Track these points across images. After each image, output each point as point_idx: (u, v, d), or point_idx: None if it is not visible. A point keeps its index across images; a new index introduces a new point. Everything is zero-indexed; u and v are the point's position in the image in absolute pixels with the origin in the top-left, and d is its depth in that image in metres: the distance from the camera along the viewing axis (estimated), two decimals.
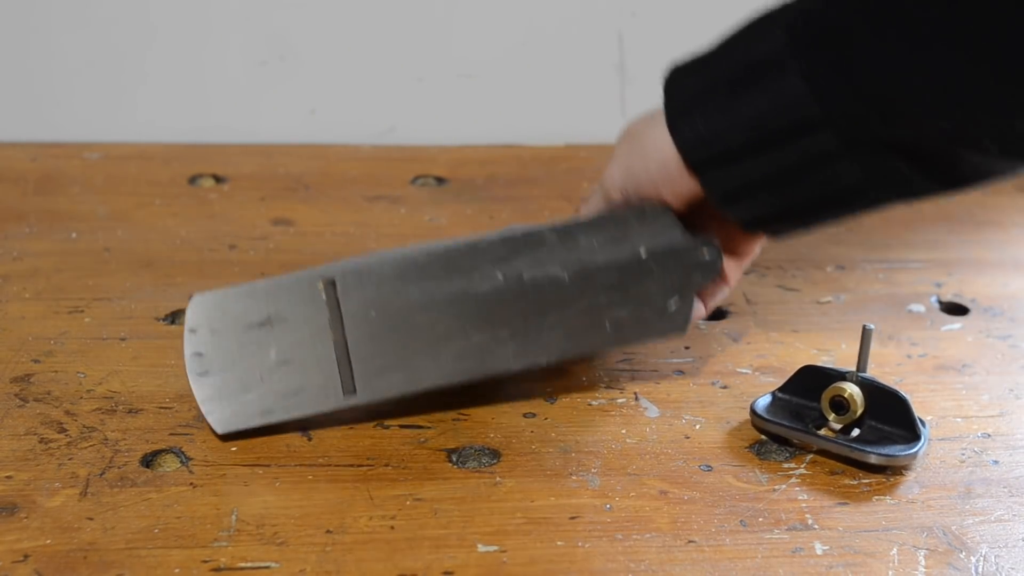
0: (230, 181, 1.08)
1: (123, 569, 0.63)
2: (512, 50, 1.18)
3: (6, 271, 0.91)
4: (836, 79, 0.64)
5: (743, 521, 0.69)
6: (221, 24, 1.14)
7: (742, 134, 0.68)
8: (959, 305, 0.93)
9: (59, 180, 1.06)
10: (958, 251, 1.02)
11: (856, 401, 0.75)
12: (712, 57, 0.71)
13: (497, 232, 0.76)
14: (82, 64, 1.14)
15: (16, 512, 0.67)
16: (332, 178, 1.10)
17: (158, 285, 0.91)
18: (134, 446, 0.73)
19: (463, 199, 1.06)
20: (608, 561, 0.66)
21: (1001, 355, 0.87)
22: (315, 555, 0.65)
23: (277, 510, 0.68)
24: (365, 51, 1.16)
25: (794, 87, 0.65)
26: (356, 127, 1.18)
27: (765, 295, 0.94)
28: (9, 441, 0.72)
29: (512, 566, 0.65)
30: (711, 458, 0.75)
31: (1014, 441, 0.78)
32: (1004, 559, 0.67)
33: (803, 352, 0.86)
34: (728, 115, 0.69)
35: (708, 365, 0.84)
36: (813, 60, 0.65)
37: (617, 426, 0.77)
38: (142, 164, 1.10)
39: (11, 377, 0.79)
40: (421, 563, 0.65)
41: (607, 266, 0.75)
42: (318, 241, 0.99)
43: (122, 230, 0.98)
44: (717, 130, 0.69)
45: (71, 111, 1.15)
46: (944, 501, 0.72)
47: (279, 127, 1.17)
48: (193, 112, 1.16)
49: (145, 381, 0.79)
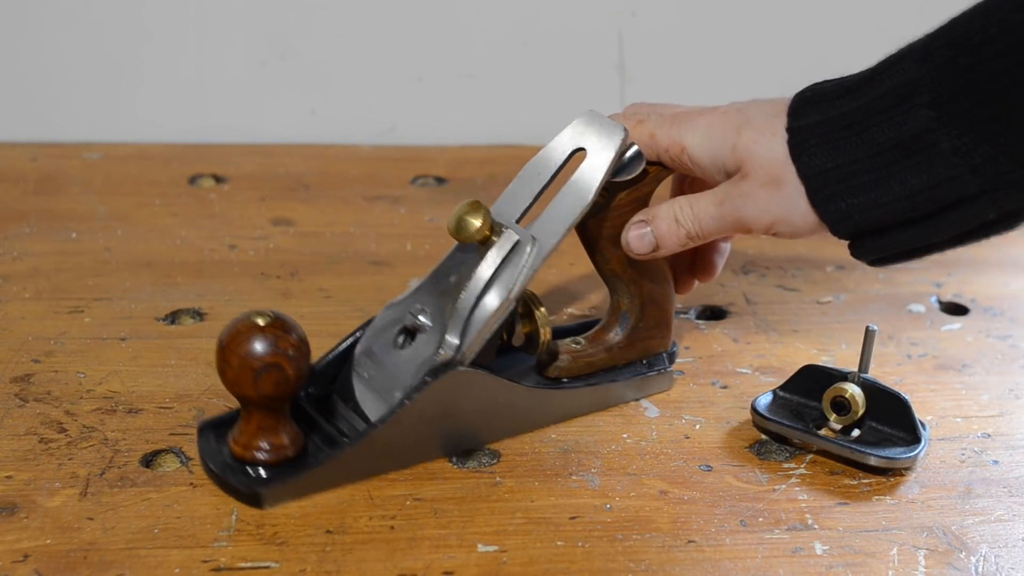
0: (230, 181, 1.08)
1: (123, 569, 0.63)
2: (512, 50, 1.17)
3: (6, 271, 0.91)
4: (993, 153, 0.64)
5: (743, 521, 0.69)
6: (221, 24, 1.14)
7: (895, 212, 0.68)
8: (959, 305, 0.93)
9: (59, 180, 1.06)
10: (958, 251, 1.01)
11: (857, 402, 0.75)
12: (855, 119, 0.68)
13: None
14: (82, 64, 1.14)
15: (16, 512, 0.67)
16: (332, 178, 1.10)
17: (158, 285, 0.91)
18: (134, 446, 0.73)
19: (463, 199, 1.05)
20: (608, 561, 0.66)
21: (1001, 355, 0.87)
22: (315, 555, 0.65)
23: (277, 510, 0.68)
24: (365, 51, 1.16)
25: (951, 167, 0.65)
26: (356, 127, 1.18)
27: (765, 295, 0.94)
28: (9, 441, 0.72)
29: (512, 566, 0.65)
30: (711, 458, 0.75)
31: (1014, 441, 0.78)
32: (1004, 559, 0.67)
33: (803, 352, 0.86)
34: (880, 192, 0.67)
35: (708, 365, 0.84)
36: (965, 132, 0.64)
37: (617, 426, 0.77)
38: (142, 164, 1.10)
39: (11, 377, 0.79)
40: (421, 563, 0.65)
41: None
42: (318, 241, 0.99)
43: (122, 230, 0.98)
44: (868, 206, 0.68)
45: (71, 111, 1.15)
46: (944, 501, 0.72)
47: (279, 127, 1.17)
48: (193, 112, 1.16)
49: (145, 381, 0.79)
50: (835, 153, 0.68)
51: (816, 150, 0.69)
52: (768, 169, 0.70)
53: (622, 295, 0.79)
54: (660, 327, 0.80)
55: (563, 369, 0.78)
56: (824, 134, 0.68)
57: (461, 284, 0.72)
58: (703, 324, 0.89)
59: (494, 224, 0.73)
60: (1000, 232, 0.69)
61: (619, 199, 0.75)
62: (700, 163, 0.73)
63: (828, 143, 0.68)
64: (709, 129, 0.73)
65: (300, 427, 0.71)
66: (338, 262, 0.96)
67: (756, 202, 0.71)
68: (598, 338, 0.80)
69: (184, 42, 1.14)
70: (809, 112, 0.69)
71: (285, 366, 0.66)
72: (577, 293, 0.92)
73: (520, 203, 0.75)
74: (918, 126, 0.65)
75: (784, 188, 0.70)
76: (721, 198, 0.73)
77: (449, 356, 0.71)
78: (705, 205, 0.73)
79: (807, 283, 0.96)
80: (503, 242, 0.72)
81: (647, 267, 0.78)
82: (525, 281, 0.73)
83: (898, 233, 0.69)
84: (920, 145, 0.65)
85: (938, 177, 0.65)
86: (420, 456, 0.72)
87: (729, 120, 0.72)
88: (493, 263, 0.72)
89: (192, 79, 1.15)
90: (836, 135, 0.68)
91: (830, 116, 0.69)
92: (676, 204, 0.74)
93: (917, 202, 0.67)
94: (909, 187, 0.66)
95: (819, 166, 0.69)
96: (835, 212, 0.69)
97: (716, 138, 0.72)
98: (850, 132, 0.68)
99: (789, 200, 0.70)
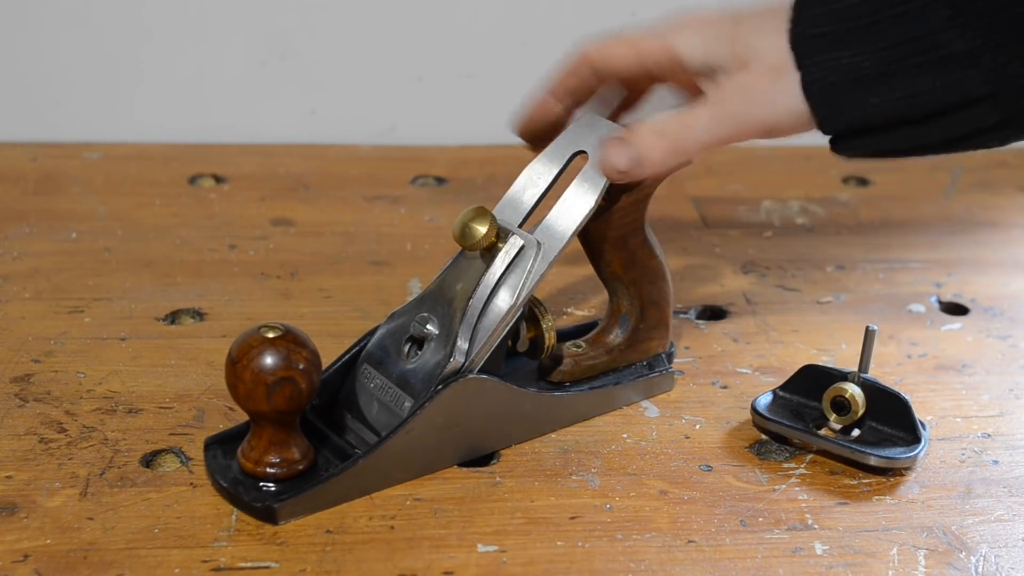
0: (230, 181, 1.08)
1: (123, 569, 0.63)
2: (512, 50, 1.17)
3: (6, 271, 0.91)
4: (1006, 59, 0.62)
5: (743, 521, 0.69)
6: (221, 24, 1.14)
7: (896, 110, 0.65)
8: (959, 305, 0.93)
9: (59, 180, 1.06)
10: (958, 251, 1.02)
11: (857, 402, 0.75)
12: (864, 11, 0.65)
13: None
14: (82, 64, 1.13)
15: (16, 512, 0.66)
16: (332, 178, 1.10)
17: (158, 285, 0.91)
18: (134, 446, 0.72)
19: (463, 199, 1.06)
20: (608, 561, 0.66)
21: (1001, 355, 0.87)
22: (315, 555, 0.65)
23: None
24: (365, 51, 1.16)
25: (962, 67, 0.63)
26: (356, 127, 1.18)
27: (765, 295, 0.94)
28: (9, 441, 0.72)
29: (512, 566, 0.65)
30: (711, 458, 0.75)
31: (1014, 441, 0.78)
32: (1004, 559, 0.67)
33: (803, 352, 0.86)
34: (884, 88, 0.65)
35: (708, 365, 0.84)
36: (979, 34, 0.62)
37: (617, 426, 0.77)
38: (142, 164, 1.10)
39: (11, 377, 0.79)
40: (421, 563, 0.65)
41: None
42: (318, 241, 0.99)
43: (122, 230, 0.98)
44: (867, 103, 0.65)
45: (71, 111, 1.15)
46: (944, 501, 0.72)
47: (279, 127, 1.17)
48: (193, 112, 1.16)
49: (145, 381, 0.79)
50: (838, 45, 0.65)
51: (818, 40, 0.66)
52: (769, 58, 0.67)
53: (622, 297, 0.79)
54: (659, 328, 0.80)
55: (566, 373, 0.78)
56: (828, 24, 0.66)
57: (468, 291, 0.72)
58: (703, 324, 0.89)
59: (500, 230, 0.73)
60: (992, 142, 0.66)
61: (620, 201, 0.75)
62: (692, 65, 0.69)
63: (832, 34, 0.65)
64: (702, 28, 0.70)
65: (309, 440, 0.70)
66: (338, 262, 0.96)
67: (757, 95, 0.67)
68: (599, 340, 0.80)
69: (184, 42, 1.14)
70: (813, 3, 0.67)
71: (298, 379, 0.66)
72: (576, 294, 0.92)
73: (522, 207, 0.75)
74: (932, 24, 0.63)
75: (782, 79, 0.67)
76: (716, 98, 0.69)
77: (459, 364, 0.71)
78: (699, 112, 0.69)
79: (807, 283, 0.96)
80: (509, 248, 0.72)
81: (647, 269, 0.78)
82: (532, 286, 0.72)
83: (891, 132, 0.67)
84: (932, 43, 0.63)
85: (948, 79, 0.63)
86: (431, 466, 0.72)
87: (722, 20, 0.69)
88: (500, 269, 0.72)
89: (192, 79, 1.15)
90: (842, 26, 0.65)
91: (835, 8, 0.66)
92: (661, 116, 0.70)
93: (920, 101, 0.64)
94: (915, 86, 0.64)
95: (818, 56, 0.66)
96: (828, 105, 0.66)
97: (710, 37, 0.69)
98: (858, 24, 0.65)
99: (787, 92, 0.67)
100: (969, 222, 1.07)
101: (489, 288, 0.72)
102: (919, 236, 1.04)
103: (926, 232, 1.05)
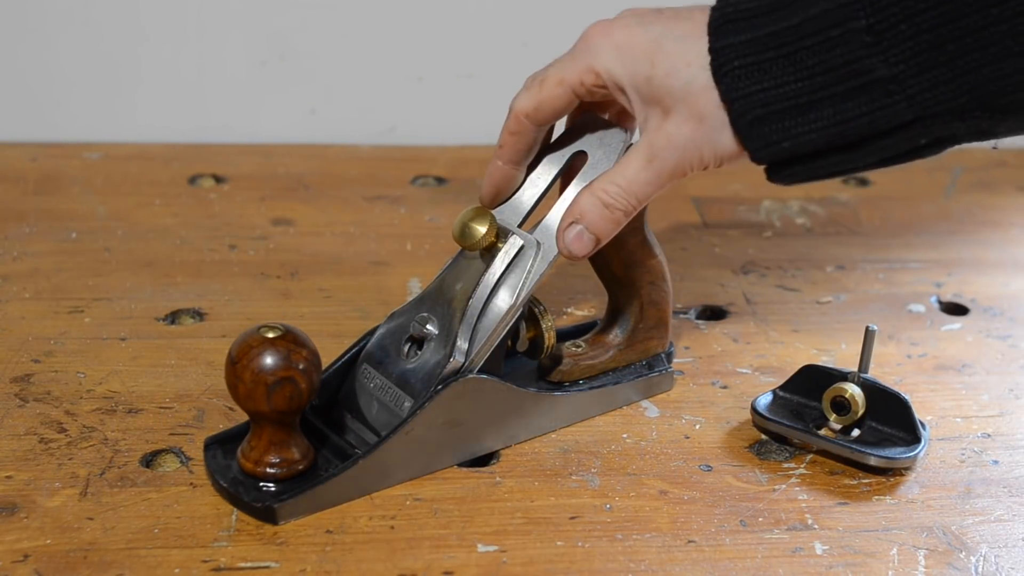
0: (230, 181, 1.08)
1: (123, 569, 0.63)
2: (512, 50, 1.17)
3: (6, 271, 0.91)
4: (933, 83, 0.61)
5: (743, 521, 0.69)
6: (221, 24, 1.14)
7: (825, 138, 0.64)
8: (959, 305, 0.93)
9: (59, 180, 1.06)
10: (958, 251, 1.02)
11: (857, 402, 0.75)
12: (785, 40, 0.64)
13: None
14: (82, 64, 1.14)
15: (16, 512, 0.66)
16: (332, 178, 1.10)
17: (158, 285, 0.91)
18: (134, 446, 0.72)
19: (463, 199, 1.06)
20: (608, 561, 0.66)
21: (1001, 355, 0.87)
22: (315, 555, 0.65)
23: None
24: (365, 51, 1.16)
25: (887, 94, 0.62)
26: (356, 127, 1.18)
27: (765, 295, 0.94)
28: (9, 441, 0.72)
29: (512, 566, 0.65)
30: (711, 458, 0.75)
31: (1014, 441, 0.78)
32: (1004, 559, 0.67)
33: (803, 352, 0.86)
34: (810, 118, 0.64)
35: (708, 365, 0.84)
36: (903, 59, 0.61)
37: (617, 426, 0.77)
38: (142, 164, 1.10)
39: (11, 377, 0.79)
40: (421, 563, 0.65)
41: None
42: (318, 241, 0.99)
43: (122, 230, 0.98)
44: (796, 133, 0.65)
45: (71, 111, 1.15)
46: (944, 501, 0.72)
47: (279, 127, 1.17)
48: (193, 112, 1.16)
49: (145, 381, 0.79)
50: (761, 75, 0.64)
51: (740, 72, 0.65)
52: (689, 103, 0.66)
53: (622, 297, 0.79)
54: (659, 328, 0.80)
55: (566, 373, 0.78)
56: (750, 55, 0.64)
57: (467, 291, 0.72)
58: (703, 324, 0.89)
59: (499, 230, 0.73)
60: (927, 156, 0.66)
61: None
62: (620, 84, 0.68)
63: (754, 65, 0.64)
64: (619, 52, 0.68)
65: (309, 440, 0.70)
66: (338, 262, 0.96)
67: (687, 143, 0.67)
68: (598, 340, 0.80)
69: (184, 42, 1.14)
70: (732, 31, 0.65)
71: (298, 380, 0.66)
72: (576, 294, 0.92)
73: (522, 207, 0.75)
74: (854, 52, 0.62)
75: (708, 120, 0.66)
76: (649, 155, 0.68)
77: (459, 364, 0.71)
78: (633, 172, 0.69)
79: (807, 283, 0.96)
80: (509, 247, 0.72)
81: (646, 269, 0.78)
82: (532, 286, 0.72)
83: (823, 158, 0.66)
84: (855, 71, 0.62)
85: (873, 105, 0.63)
86: (431, 465, 0.72)
87: (637, 44, 0.67)
88: (499, 269, 0.72)
89: (192, 79, 1.15)
90: (763, 56, 0.64)
91: (756, 36, 0.64)
92: (597, 189, 0.70)
93: (848, 129, 0.64)
94: (841, 114, 0.63)
95: (743, 89, 0.65)
96: (759, 138, 0.65)
97: (628, 63, 0.68)
98: (779, 54, 0.64)
99: (715, 130, 0.66)
100: (969, 222, 1.07)
101: (489, 288, 0.72)
102: (919, 236, 1.04)
103: (926, 232, 1.05)
